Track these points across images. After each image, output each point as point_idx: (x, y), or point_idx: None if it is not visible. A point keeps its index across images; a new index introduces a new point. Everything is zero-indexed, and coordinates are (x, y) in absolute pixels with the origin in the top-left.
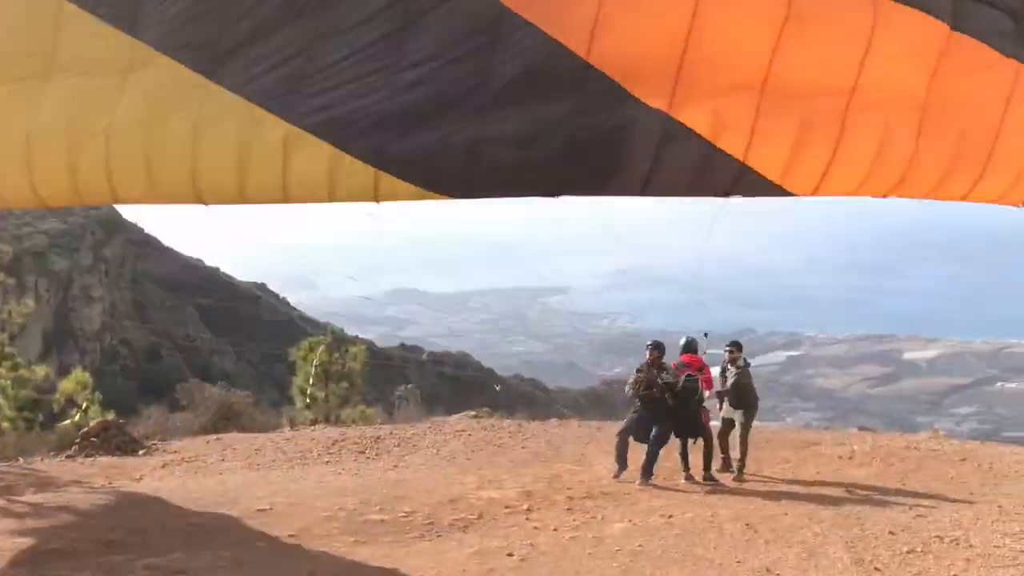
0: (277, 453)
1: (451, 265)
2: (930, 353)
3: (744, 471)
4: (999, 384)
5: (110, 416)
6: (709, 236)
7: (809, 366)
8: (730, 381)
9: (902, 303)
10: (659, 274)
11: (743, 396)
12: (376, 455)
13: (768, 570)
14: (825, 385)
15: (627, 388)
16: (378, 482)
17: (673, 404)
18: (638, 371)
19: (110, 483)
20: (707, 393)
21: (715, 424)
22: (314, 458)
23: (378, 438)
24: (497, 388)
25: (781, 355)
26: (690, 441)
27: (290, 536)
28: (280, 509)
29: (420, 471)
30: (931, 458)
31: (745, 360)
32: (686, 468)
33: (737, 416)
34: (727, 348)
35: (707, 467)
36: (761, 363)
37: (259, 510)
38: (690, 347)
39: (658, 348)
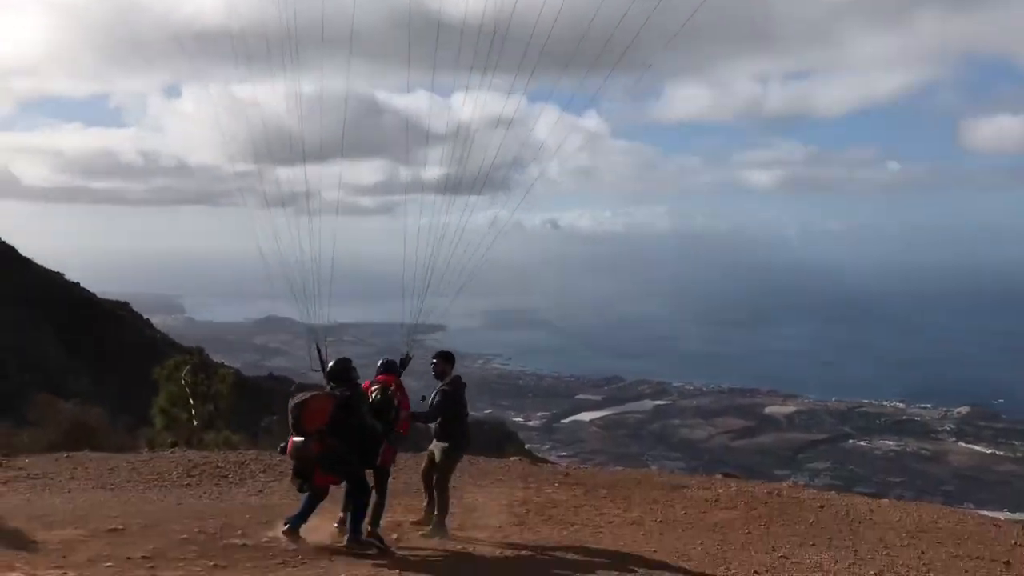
0: (132, 474)
1: (324, 295)
2: (788, 409)
3: (444, 529)
4: (851, 441)
5: None
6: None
7: (675, 416)
8: (432, 400)
9: (765, 360)
10: (533, 317)
11: (446, 426)
12: (240, 480)
13: None
14: (690, 436)
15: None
16: (241, 507)
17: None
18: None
19: None
20: (403, 413)
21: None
22: (172, 481)
23: (242, 463)
24: None
25: (648, 404)
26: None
27: (143, 558)
28: (133, 529)
29: (287, 498)
30: (793, 504)
31: (459, 379)
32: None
33: (438, 451)
34: (432, 360)
35: (373, 521)
36: (629, 410)
37: (110, 530)
38: (389, 367)
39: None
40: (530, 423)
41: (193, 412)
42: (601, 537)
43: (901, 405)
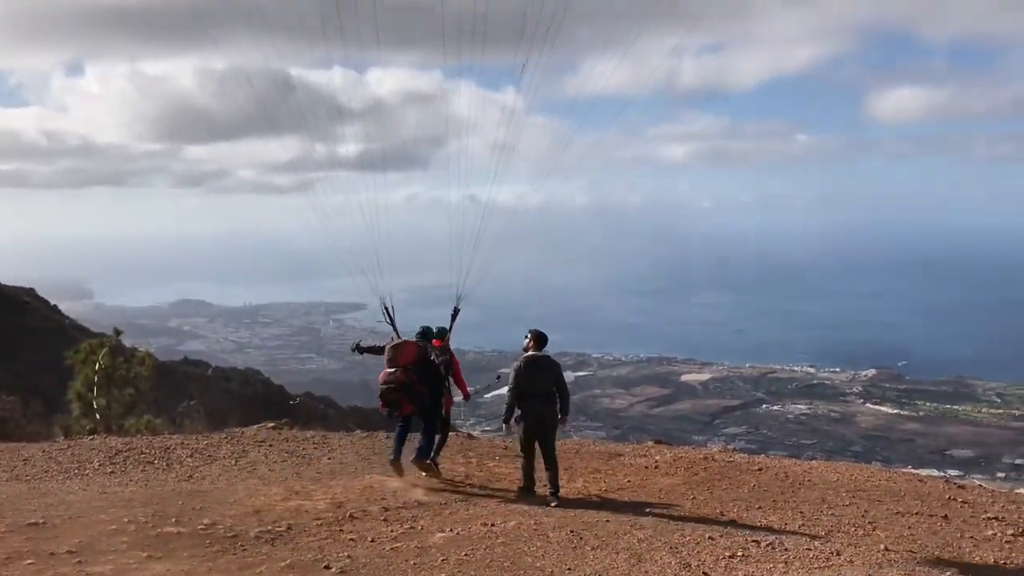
0: (50, 463)
1: (241, 277)
2: (704, 376)
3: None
4: (764, 406)
5: None
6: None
7: (596, 386)
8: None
9: (681, 329)
10: (455, 293)
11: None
12: (167, 466)
13: None
14: (610, 405)
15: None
16: (171, 493)
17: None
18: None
19: None
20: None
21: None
22: (95, 469)
23: (168, 448)
24: (293, 403)
25: (571, 375)
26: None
27: (68, 552)
28: (56, 522)
29: (219, 482)
30: (731, 468)
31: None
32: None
33: None
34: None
35: (436, 451)
36: None
37: (30, 524)
38: (428, 333)
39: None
40: (454, 398)
41: (109, 400)
42: (551, 508)
43: (811, 370)
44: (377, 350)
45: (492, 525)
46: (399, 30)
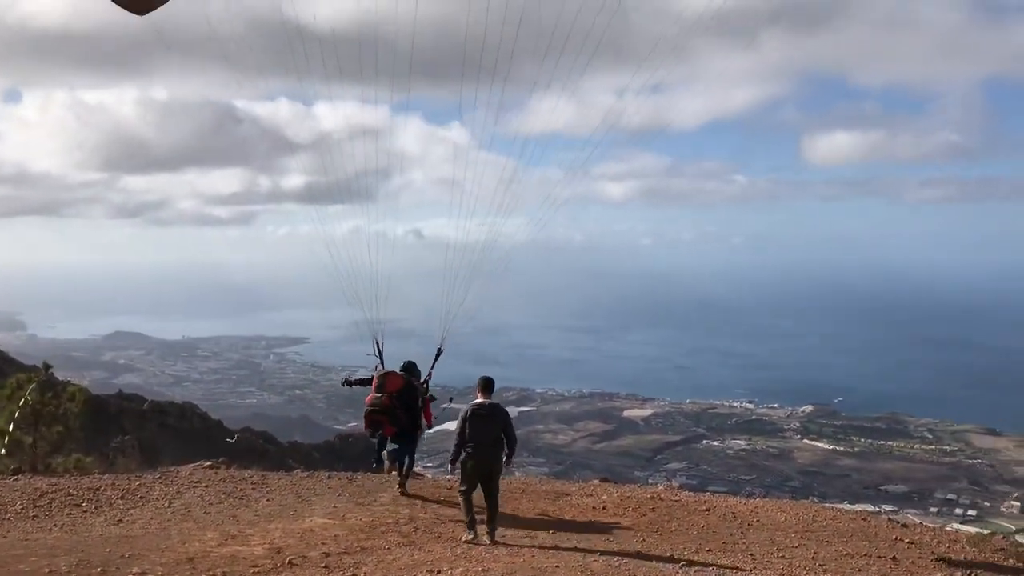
0: None
1: (179, 310)
2: (646, 412)
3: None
4: (704, 442)
5: None
6: None
7: (539, 421)
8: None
9: (623, 365)
10: (399, 327)
11: None
12: (95, 508)
13: None
14: (553, 441)
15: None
16: (99, 539)
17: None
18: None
19: None
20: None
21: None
22: (17, 512)
23: (97, 489)
24: (231, 440)
25: (514, 410)
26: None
27: None
28: None
29: (150, 526)
30: (678, 508)
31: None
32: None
33: None
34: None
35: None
36: None
37: None
38: (411, 369)
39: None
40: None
41: (35, 438)
42: (497, 553)
43: (750, 405)
44: (366, 381)
45: (438, 572)
46: (346, 63)
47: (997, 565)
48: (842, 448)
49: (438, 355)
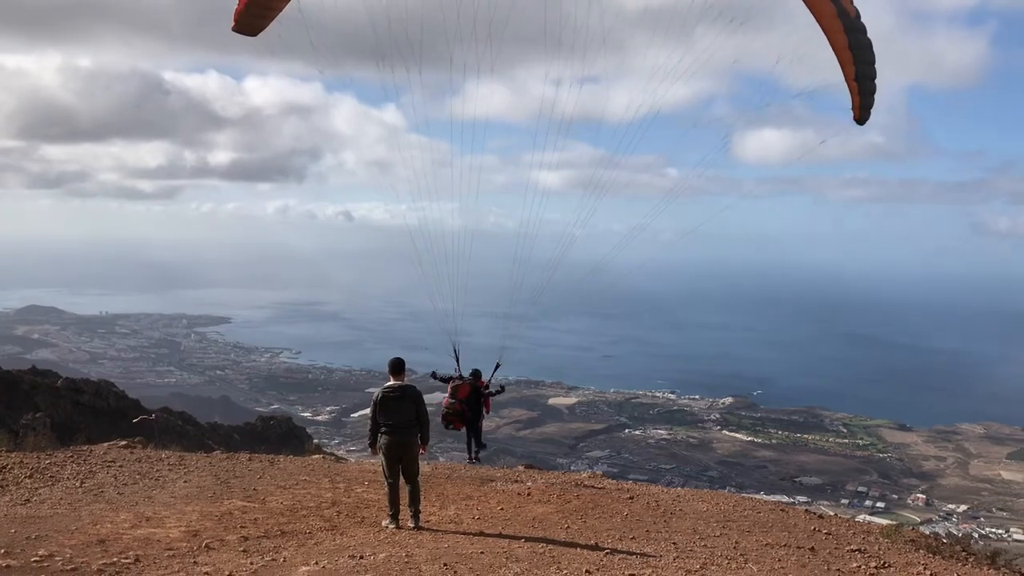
0: None
1: (96, 284)
2: (571, 400)
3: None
4: (627, 431)
5: None
6: None
7: None
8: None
9: (549, 353)
10: (324, 310)
11: None
12: (1, 488)
13: None
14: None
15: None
16: (3, 519)
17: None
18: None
19: None
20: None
21: None
22: None
23: (4, 468)
24: (151, 417)
25: (438, 396)
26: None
27: None
28: None
29: (60, 507)
30: (602, 496)
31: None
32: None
33: None
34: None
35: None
36: None
37: None
38: (477, 375)
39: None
40: (319, 418)
41: None
42: (421, 538)
43: (672, 396)
44: (446, 380)
45: (361, 557)
46: (278, 38)
47: (909, 556)
48: (760, 440)
49: (497, 367)
